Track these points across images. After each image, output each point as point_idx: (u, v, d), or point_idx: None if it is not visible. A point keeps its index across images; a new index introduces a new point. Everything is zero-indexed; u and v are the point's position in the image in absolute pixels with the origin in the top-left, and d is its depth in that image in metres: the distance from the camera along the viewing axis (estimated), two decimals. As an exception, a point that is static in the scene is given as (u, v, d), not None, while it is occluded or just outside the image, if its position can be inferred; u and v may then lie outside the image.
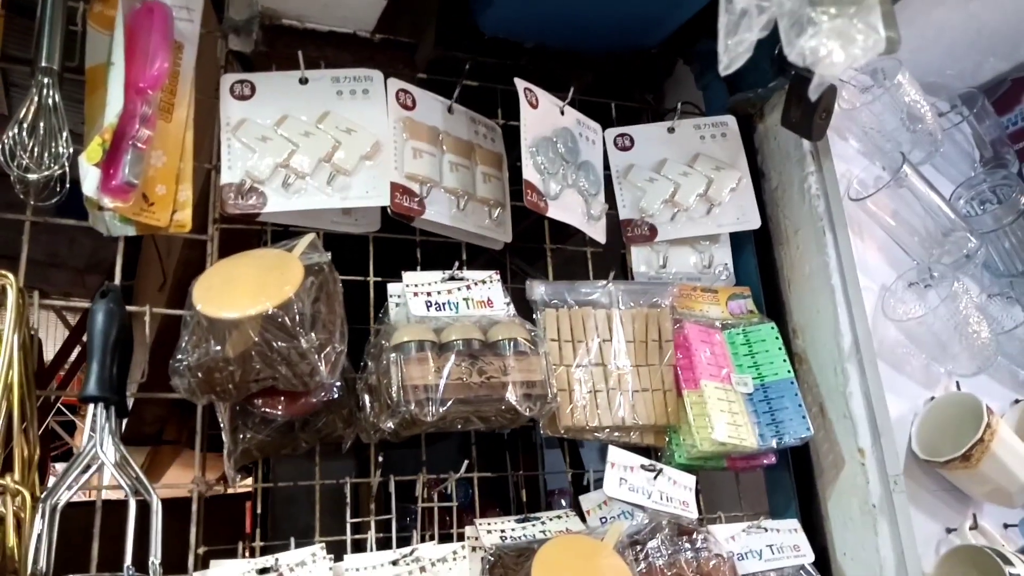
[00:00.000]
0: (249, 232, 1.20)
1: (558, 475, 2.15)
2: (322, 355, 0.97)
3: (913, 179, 1.35)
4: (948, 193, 1.45)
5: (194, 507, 1.07)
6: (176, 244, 2.03)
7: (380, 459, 1.16)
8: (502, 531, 1.13)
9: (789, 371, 1.28)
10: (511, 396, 1.08)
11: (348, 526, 1.12)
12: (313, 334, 0.98)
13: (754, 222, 1.39)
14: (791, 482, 1.32)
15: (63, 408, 4.85)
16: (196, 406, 1.08)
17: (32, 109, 1.04)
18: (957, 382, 1.31)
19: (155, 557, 0.91)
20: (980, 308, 1.29)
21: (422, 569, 1.03)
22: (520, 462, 2.13)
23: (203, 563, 1.02)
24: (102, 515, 1.00)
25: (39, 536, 0.87)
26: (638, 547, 1.10)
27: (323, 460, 1.18)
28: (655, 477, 1.17)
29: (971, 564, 1.18)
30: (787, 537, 1.22)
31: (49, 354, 3.91)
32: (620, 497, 1.14)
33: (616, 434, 1.21)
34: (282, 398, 1.04)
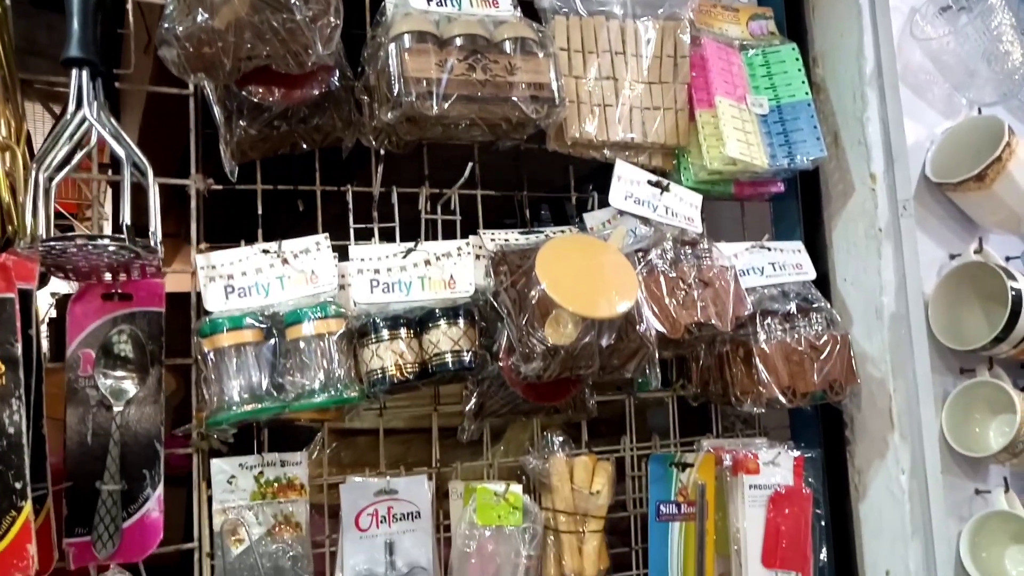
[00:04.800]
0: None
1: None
2: (316, 27, 0.91)
3: None
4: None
5: (193, 204, 1.05)
6: None
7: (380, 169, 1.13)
8: (506, 239, 1.12)
9: (807, 93, 1.22)
10: (517, 96, 1.04)
11: (352, 232, 1.11)
12: (306, 6, 0.91)
13: (781, -64, 1.28)
14: (798, 210, 1.30)
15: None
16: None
17: None
18: (979, 108, 1.26)
19: (155, 229, 0.90)
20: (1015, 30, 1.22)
21: (427, 263, 1.03)
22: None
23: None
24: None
25: (35, 203, 0.85)
26: (640, 253, 1.09)
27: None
28: (661, 193, 1.15)
29: (972, 283, 1.19)
30: (790, 256, 1.22)
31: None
32: (625, 209, 1.12)
33: (626, 153, 1.17)
34: (277, 86, 0.99)
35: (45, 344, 1.33)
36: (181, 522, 1.05)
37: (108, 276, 0.95)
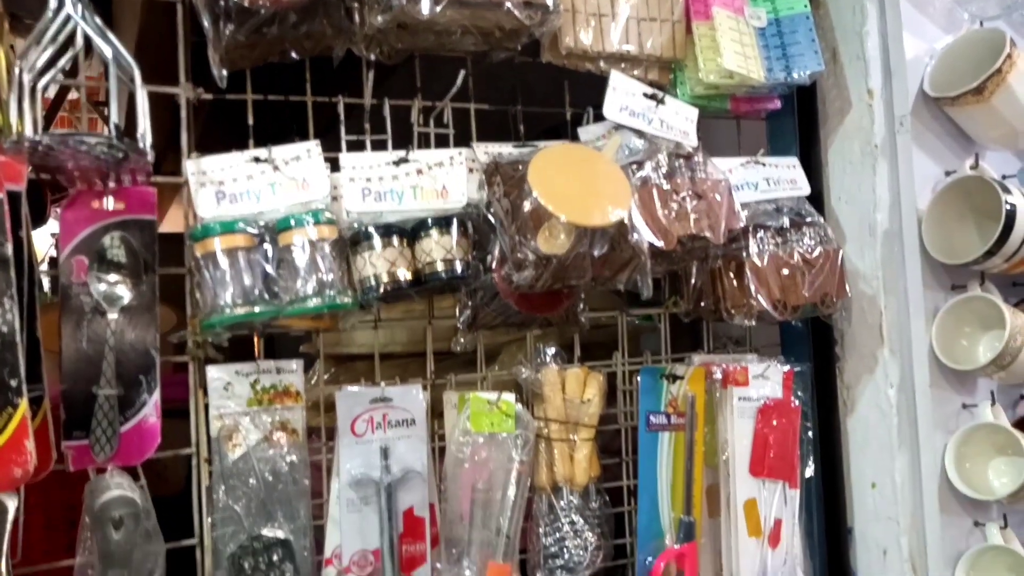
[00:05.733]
0: None
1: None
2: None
3: None
4: None
5: (183, 114, 1.04)
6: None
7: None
8: (499, 153, 1.11)
9: (806, 5, 1.20)
10: (511, 2, 1.01)
11: (344, 144, 1.09)
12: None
13: None
14: (794, 128, 1.29)
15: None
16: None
17: None
18: (981, 22, 1.24)
19: (144, 131, 0.89)
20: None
21: (419, 171, 1.03)
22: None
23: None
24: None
25: (20, 102, 0.84)
26: (635, 165, 1.09)
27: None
28: (657, 105, 1.13)
29: (966, 199, 1.19)
30: (784, 172, 1.21)
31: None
32: (620, 121, 1.11)
33: (622, 66, 1.16)
34: (265, -7, 0.97)
35: (46, 282, 1.33)
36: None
37: (99, 183, 0.94)
